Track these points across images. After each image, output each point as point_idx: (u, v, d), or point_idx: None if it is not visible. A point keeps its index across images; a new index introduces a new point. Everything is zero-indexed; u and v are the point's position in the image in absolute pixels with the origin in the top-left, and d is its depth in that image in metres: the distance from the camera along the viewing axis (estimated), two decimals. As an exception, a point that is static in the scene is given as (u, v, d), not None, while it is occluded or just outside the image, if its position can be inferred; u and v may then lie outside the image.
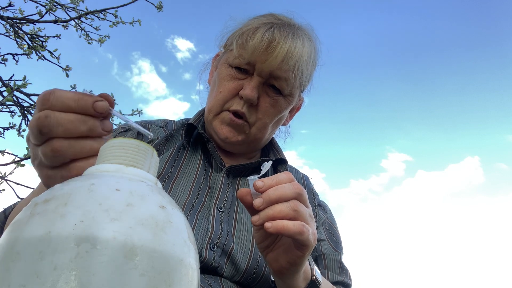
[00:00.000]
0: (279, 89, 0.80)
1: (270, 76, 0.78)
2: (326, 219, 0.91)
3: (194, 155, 0.84)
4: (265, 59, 0.75)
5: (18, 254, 0.24)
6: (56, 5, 2.28)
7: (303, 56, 0.77)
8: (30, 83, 1.52)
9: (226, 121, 0.81)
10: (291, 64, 0.76)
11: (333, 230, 0.90)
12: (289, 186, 0.50)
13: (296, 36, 0.78)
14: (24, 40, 2.21)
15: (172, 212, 0.29)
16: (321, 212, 0.91)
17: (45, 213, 0.25)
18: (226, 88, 0.80)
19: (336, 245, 0.86)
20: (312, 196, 0.91)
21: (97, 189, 0.27)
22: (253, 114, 0.80)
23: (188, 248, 0.28)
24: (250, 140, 0.84)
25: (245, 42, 0.77)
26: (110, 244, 0.24)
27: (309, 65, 0.82)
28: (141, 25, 2.54)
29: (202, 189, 0.77)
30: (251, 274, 0.68)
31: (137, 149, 0.33)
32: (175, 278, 0.26)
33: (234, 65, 0.80)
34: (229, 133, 0.81)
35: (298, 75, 0.79)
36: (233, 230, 0.72)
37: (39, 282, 0.22)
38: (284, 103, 0.83)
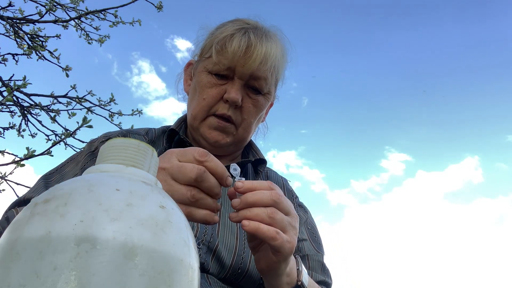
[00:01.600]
0: (258, 88, 0.85)
1: (250, 78, 0.83)
2: (308, 219, 0.95)
3: None
4: (244, 63, 0.80)
5: (18, 254, 0.24)
6: (56, 5, 2.28)
7: (277, 55, 0.84)
8: (30, 83, 1.52)
9: (214, 125, 0.84)
10: (269, 65, 0.82)
11: (314, 231, 0.94)
12: (268, 193, 0.54)
13: (269, 38, 0.84)
14: (24, 40, 2.21)
15: (172, 212, 0.29)
16: (302, 212, 0.95)
17: (45, 213, 0.25)
18: (210, 94, 0.83)
19: (318, 246, 0.90)
20: (291, 198, 0.95)
21: (97, 189, 0.27)
22: (238, 115, 0.85)
23: (188, 248, 0.28)
24: (238, 140, 0.88)
25: (223, 48, 0.81)
26: (110, 244, 0.24)
27: (282, 64, 0.89)
28: (141, 25, 2.54)
29: None
30: (236, 270, 0.71)
31: (137, 149, 0.33)
32: (175, 278, 0.26)
33: (214, 72, 0.84)
34: (218, 136, 0.85)
35: (274, 73, 0.86)
36: (218, 229, 0.75)
37: (39, 282, 0.22)
38: (264, 101, 0.88)
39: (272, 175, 0.98)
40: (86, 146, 0.92)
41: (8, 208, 0.79)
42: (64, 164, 0.90)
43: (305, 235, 0.89)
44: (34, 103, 2.19)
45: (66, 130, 2.20)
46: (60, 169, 0.88)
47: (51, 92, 2.23)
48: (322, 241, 0.93)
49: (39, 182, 0.83)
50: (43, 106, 2.17)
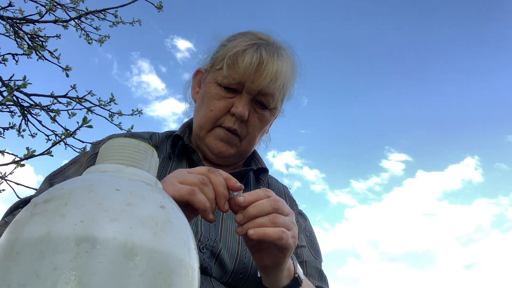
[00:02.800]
0: (265, 104, 0.87)
1: (258, 93, 0.85)
2: (307, 227, 0.97)
3: (180, 165, 0.88)
4: (254, 79, 0.82)
5: (18, 254, 0.24)
6: (56, 5, 2.28)
7: (287, 74, 0.86)
8: (30, 83, 1.52)
9: (220, 136, 0.86)
10: (278, 83, 0.84)
11: (313, 238, 0.96)
12: (267, 202, 0.56)
13: (280, 55, 0.85)
14: (24, 40, 2.21)
15: (172, 212, 0.29)
16: (301, 220, 0.97)
17: (45, 213, 0.25)
18: (217, 106, 0.85)
19: (316, 253, 0.92)
20: (292, 206, 0.96)
21: (97, 189, 0.27)
22: (244, 129, 0.87)
23: (188, 248, 0.28)
24: (240, 152, 0.90)
25: (235, 63, 0.83)
26: (110, 244, 0.24)
27: (291, 81, 0.91)
28: (141, 25, 2.54)
29: None
30: (238, 275, 0.73)
31: (137, 149, 0.33)
32: (175, 278, 0.26)
33: (223, 85, 0.85)
34: (223, 147, 0.87)
35: (283, 91, 0.88)
36: (220, 234, 0.76)
37: (39, 282, 0.22)
38: (270, 116, 0.91)
39: (273, 183, 0.99)
40: (90, 148, 0.93)
41: (9, 210, 0.79)
42: (66, 166, 0.91)
43: (304, 242, 0.91)
44: (34, 103, 2.19)
45: (66, 130, 2.20)
46: (63, 170, 0.89)
47: (51, 92, 2.23)
48: (320, 248, 0.95)
49: (44, 184, 0.84)
50: (43, 106, 2.17)
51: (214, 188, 0.55)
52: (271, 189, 0.92)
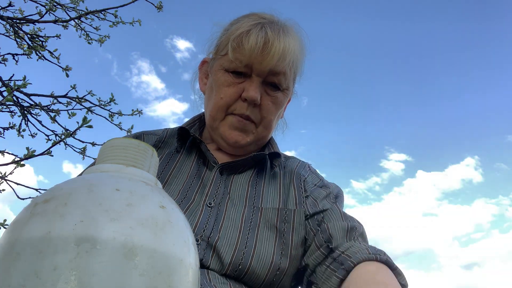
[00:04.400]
0: (277, 84, 0.83)
1: (269, 74, 0.81)
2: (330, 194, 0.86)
3: (188, 158, 0.86)
4: (262, 60, 0.78)
5: (18, 254, 0.24)
6: (56, 5, 2.28)
7: (296, 51, 0.81)
8: (30, 83, 1.51)
9: (234, 124, 0.83)
10: (287, 61, 0.80)
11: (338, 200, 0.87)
12: None
13: (286, 32, 0.81)
14: (24, 40, 2.21)
15: (172, 212, 0.29)
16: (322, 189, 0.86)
17: (45, 213, 0.25)
18: (227, 93, 0.81)
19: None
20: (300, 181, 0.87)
21: (97, 189, 0.27)
22: (257, 114, 0.83)
23: (188, 248, 0.28)
24: (258, 139, 0.86)
25: (240, 45, 0.79)
26: (110, 244, 0.24)
27: (301, 58, 0.86)
28: (141, 25, 2.53)
29: (191, 188, 0.79)
30: (237, 266, 0.68)
31: (137, 149, 0.33)
32: (175, 278, 0.26)
33: (231, 70, 0.82)
34: (238, 136, 0.83)
35: (293, 69, 0.84)
36: (221, 224, 0.72)
37: (39, 282, 0.22)
38: (283, 98, 0.86)
39: (288, 165, 0.91)
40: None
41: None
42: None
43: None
44: (34, 103, 2.19)
45: (66, 130, 2.20)
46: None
47: (51, 92, 2.22)
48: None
49: None
50: (43, 106, 2.16)
51: None
52: (285, 172, 0.86)
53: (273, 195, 0.82)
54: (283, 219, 0.77)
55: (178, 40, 9.23)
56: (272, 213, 0.77)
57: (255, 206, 0.77)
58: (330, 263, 0.69)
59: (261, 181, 0.84)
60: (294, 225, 0.76)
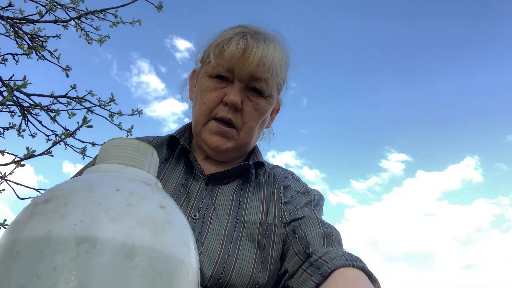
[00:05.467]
0: (260, 91, 0.85)
1: (251, 79, 0.83)
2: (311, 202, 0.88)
3: (177, 167, 0.87)
4: (243, 65, 0.80)
5: (18, 254, 0.24)
6: (56, 5, 2.28)
7: (276, 58, 0.83)
8: (30, 83, 1.51)
9: (214, 130, 0.84)
10: (266, 67, 0.82)
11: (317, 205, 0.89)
12: None
13: (267, 41, 0.84)
14: (24, 40, 2.21)
15: (172, 212, 0.29)
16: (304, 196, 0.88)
17: (45, 213, 0.25)
18: (210, 98, 0.84)
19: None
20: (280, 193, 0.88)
21: (97, 189, 0.27)
22: (239, 119, 0.84)
23: (188, 248, 0.28)
24: (240, 146, 0.87)
25: (221, 51, 0.82)
26: (110, 244, 0.24)
27: (283, 67, 0.87)
28: (141, 25, 2.53)
29: (178, 199, 0.80)
30: (217, 280, 0.70)
31: (137, 149, 0.33)
32: (175, 278, 0.26)
33: (214, 75, 0.84)
34: (219, 141, 0.84)
35: (274, 76, 0.85)
36: (204, 237, 0.73)
37: (39, 282, 0.22)
38: (266, 105, 0.87)
39: (271, 175, 0.94)
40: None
41: None
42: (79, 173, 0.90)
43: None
44: (34, 103, 2.19)
45: (66, 130, 2.20)
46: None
47: (51, 92, 2.23)
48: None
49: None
50: (43, 106, 2.16)
51: None
52: (269, 183, 0.89)
53: (256, 208, 0.83)
54: (264, 233, 0.79)
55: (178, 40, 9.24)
56: (254, 226, 0.79)
57: (238, 219, 0.79)
58: (306, 267, 0.70)
59: (245, 192, 0.85)
60: (274, 240, 0.78)
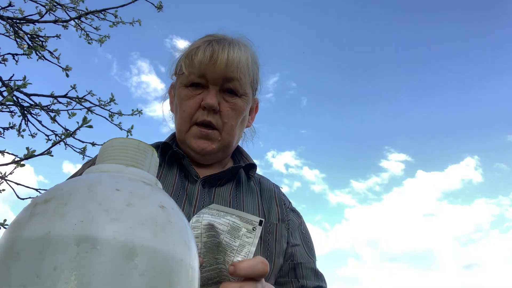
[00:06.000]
0: (234, 90, 0.89)
1: (224, 81, 0.87)
2: (302, 224, 0.97)
3: (170, 171, 0.90)
4: (213, 68, 0.85)
5: (18, 254, 0.24)
6: (56, 5, 2.28)
7: (242, 58, 0.88)
8: (30, 83, 1.51)
9: (197, 134, 0.88)
10: (234, 66, 0.86)
11: (308, 236, 0.96)
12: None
13: (232, 44, 0.89)
14: (24, 40, 2.21)
15: (172, 212, 0.29)
16: (295, 217, 0.96)
17: (45, 213, 0.25)
18: (188, 105, 0.88)
19: (310, 252, 0.93)
20: (282, 206, 0.96)
21: (97, 189, 0.27)
22: (218, 119, 0.88)
23: (188, 248, 0.28)
24: (224, 146, 0.90)
25: (191, 60, 0.87)
26: (110, 244, 0.24)
27: (251, 64, 0.91)
28: (141, 25, 2.53)
29: (179, 199, 0.83)
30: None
31: (137, 149, 0.33)
32: (175, 278, 0.26)
33: (189, 84, 0.89)
34: (204, 144, 0.88)
35: (244, 73, 0.89)
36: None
37: (39, 282, 0.22)
38: (242, 103, 0.91)
39: (264, 182, 1.00)
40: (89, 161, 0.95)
41: None
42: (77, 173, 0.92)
43: (298, 240, 0.91)
44: (34, 103, 2.19)
45: (66, 130, 2.20)
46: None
47: (51, 92, 2.23)
48: (314, 246, 0.97)
49: None
50: (43, 106, 2.16)
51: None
52: (262, 188, 0.95)
53: (252, 207, 0.89)
54: (267, 230, 0.84)
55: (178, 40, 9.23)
56: None
57: None
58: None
59: (240, 194, 0.90)
60: (276, 237, 0.85)
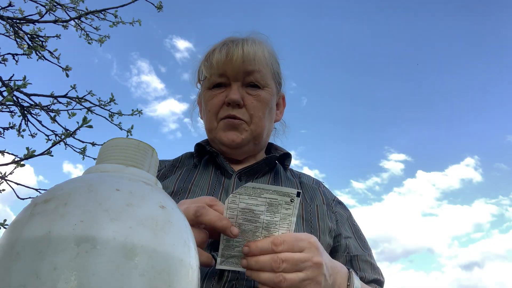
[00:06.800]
0: (256, 83, 0.90)
1: (244, 75, 0.89)
2: (351, 216, 0.96)
3: (206, 170, 0.92)
4: (232, 65, 0.88)
5: (18, 254, 0.24)
6: (56, 5, 2.28)
7: (258, 51, 0.90)
8: (30, 83, 1.51)
9: (225, 126, 0.89)
10: (251, 58, 0.88)
11: (358, 228, 0.95)
12: (268, 260, 0.56)
13: (245, 40, 0.92)
14: (24, 40, 2.21)
15: (172, 212, 0.29)
16: (342, 209, 0.96)
17: (45, 213, 0.25)
18: (213, 104, 0.91)
19: (364, 245, 0.92)
20: (328, 200, 0.95)
21: (97, 189, 0.27)
22: (245, 113, 0.89)
23: (188, 248, 0.28)
24: (253, 137, 0.91)
25: (210, 62, 0.90)
26: (110, 244, 0.24)
27: (268, 57, 0.93)
28: (141, 25, 2.53)
29: (215, 192, 0.85)
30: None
31: (137, 149, 0.33)
32: (175, 278, 0.26)
33: (212, 86, 0.91)
34: (233, 135, 0.89)
35: (263, 65, 0.91)
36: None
37: (39, 282, 0.22)
38: (266, 94, 0.92)
39: (304, 177, 1.01)
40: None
41: None
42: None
43: (349, 232, 0.90)
44: (34, 103, 2.18)
45: (66, 130, 2.20)
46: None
47: (51, 92, 2.22)
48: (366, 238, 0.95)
49: None
50: (43, 106, 2.16)
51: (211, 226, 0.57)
52: (303, 181, 0.97)
53: None
54: (308, 210, 0.85)
55: (177, 40, 9.25)
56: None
57: None
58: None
59: (278, 184, 0.91)
60: (319, 215, 0.85)
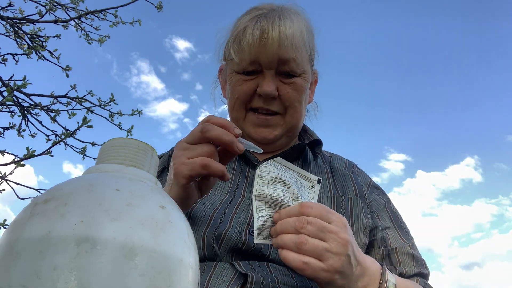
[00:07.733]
0: (290, 72, 0.80)
1: (279, 63, 0.78)
2: (389, 202, 0.87)
3: (234, 163, 0.85)
4: (265, 51, 0.76)
5: (18, 254, 0.24)
6: (56, 5, 2.28)
7: (296, 32, 0.78)
8: (30, 83, 1.51)
9: (255, 122, 0.82)
10: (288, 44, 0.76)
11: (398, 215, 0.86)
12: (292, 222, 0.54)
13: (283, 17, 0.78)
14: (24, 40, 2.21)
15: (172, 212, 0.29)
16: (379, 195, 0.87)
17: (45, 213, 0.25)
18: (242, 91, 0.81)
19: (404, 234, 0.82)
20: (360, 182, 0.87)
21: (97, 189, 0.27)
22: (279, 105, 0.81)
23: (188, 248, 0.28)
24: (288, 130, 0.84)
25: (239, 45, 0.78)
26: (110, 244, 0.24)
27: (306, 37, 0.81)
28: (141, 25, 2.53)
29: (239, 186, 0.79)
30: None
31: (137, 149, 0.33)
32: (175, 278, 0.26)
33: (240, 71, 0.81)
34: (265, 132, 0.82)
35: (300, 50, 0.79)
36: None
37: (39, 282, 0.22)
38: (302, 82, 0.82)
39: (335, 160, 0.92)
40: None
41: None
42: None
43: (388, 222, 0.82)
44: (34, 103, 2.18)
45: (66, 130, 2.20)
46: None
47: (51, 92, 2.22)
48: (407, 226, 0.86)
49: None
50: (43, 106, 2.16)
51: (218, 140, 0.56)
52: (333, 166, 0.88)
53: (323, 184, 0.80)
54: (340, 205, 0.77)
55: (177, 40, 9.24)
56: (326, 201, 0.77)
57: None
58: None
59: (307, 171, 0.84)
60: (352, 212, 0.76)
